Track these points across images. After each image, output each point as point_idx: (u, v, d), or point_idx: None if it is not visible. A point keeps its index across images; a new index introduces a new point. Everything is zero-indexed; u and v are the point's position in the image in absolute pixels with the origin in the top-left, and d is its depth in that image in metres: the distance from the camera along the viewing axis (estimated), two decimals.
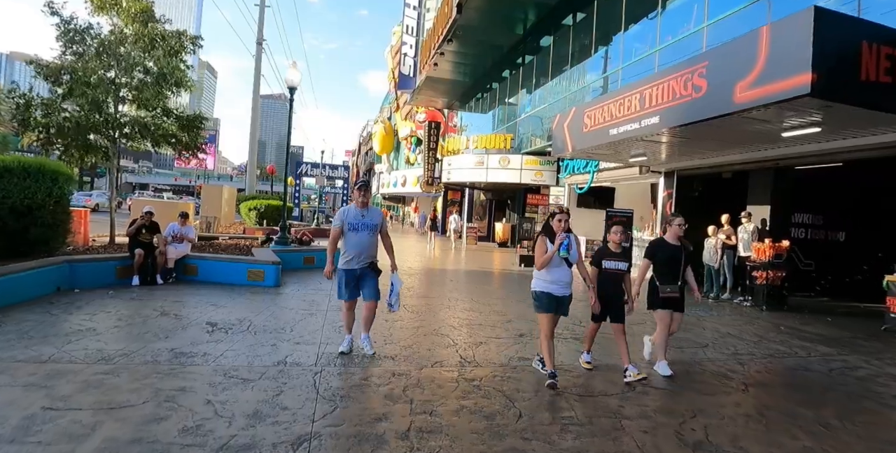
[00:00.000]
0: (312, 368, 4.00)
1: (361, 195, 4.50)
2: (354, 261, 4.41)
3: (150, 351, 4.17)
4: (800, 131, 7.12)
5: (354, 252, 4.40)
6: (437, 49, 19.40)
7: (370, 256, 4.49)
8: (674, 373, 4.45)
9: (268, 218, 18.40)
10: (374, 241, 4.53)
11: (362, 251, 4.43)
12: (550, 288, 4.06)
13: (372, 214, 4.53)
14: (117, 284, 7.18)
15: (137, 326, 5.00)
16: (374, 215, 4.54)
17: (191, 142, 10.28)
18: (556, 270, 4.07)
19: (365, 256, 4.45)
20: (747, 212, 9.37)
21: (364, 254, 4.44)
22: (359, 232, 4.41)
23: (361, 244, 4.42)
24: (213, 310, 5.96)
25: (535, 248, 4.12)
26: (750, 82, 6.03)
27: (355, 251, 4.41)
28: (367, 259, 4.47)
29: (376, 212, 4.60)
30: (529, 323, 6.35)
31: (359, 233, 4.41)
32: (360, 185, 4.54)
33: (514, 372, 4.26)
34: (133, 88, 9.53)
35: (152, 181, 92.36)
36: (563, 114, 10.86)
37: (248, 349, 4.42)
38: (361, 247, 4.42)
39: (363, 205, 4.51)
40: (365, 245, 4.44)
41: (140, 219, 7.58)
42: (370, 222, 4.48)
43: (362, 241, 4.43)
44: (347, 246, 4.43)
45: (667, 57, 10.46)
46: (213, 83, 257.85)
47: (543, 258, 4.01)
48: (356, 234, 4.41)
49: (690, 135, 8.12)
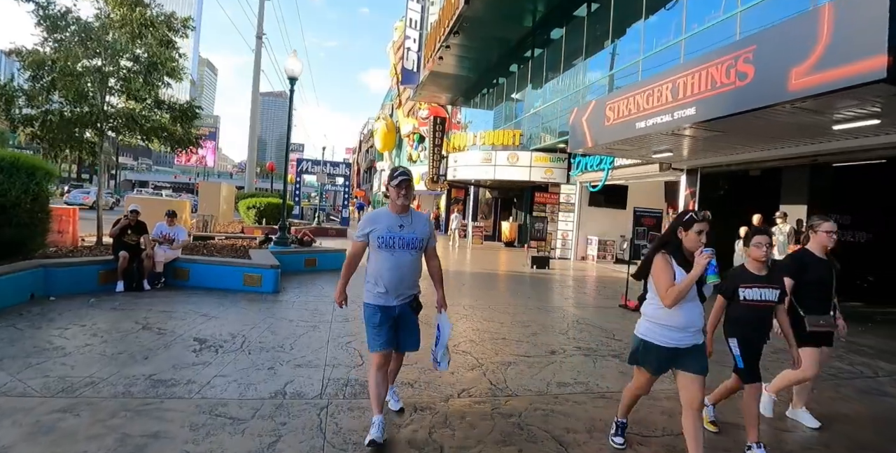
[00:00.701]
0: (317, 401, 3.32)
1: (402, 195, 2.93)
2: (391, 294, 2.94)
3: (122, 379, 3.49)
4: (854, 124, 6.45)
5: (390, 281, 2.91)
6: (443, 42, 18.70)
7: (411, 287, 3.02)
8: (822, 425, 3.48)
9: (267, 216, 17.75)
10: (418, 265, 3.03)
11: (401, 280, 2.93)
12: (674, 338, 2.62)
13: (416, 223, 3.00)
14: (99, 290, 6.50)
15: (113, 344, 4.32)
16: (418, 224, 3.00)
17: (184, 135, 9.60)
18: (688, 310, 2.60)
19: (405, 288, 2.97)
20: (783, 213, 8.69)
21: (404, 285, 2.96)
22: (395, 251, 2.91)
23: (400, 269, 2.92)
24: (202, 322, 5.29)
25: (655, 274, 2.63)
26: (808, 67, 5.35)
27: (391, 280, 2.91)
28: (408, 292, 3.00)
29: (422, 220, 3.06)
30: (558, 336, 5.69)
31: (396, 254, 2.91)
32: (401, 179, 2.91)
33: (556, 403, 3.58)
34: (121, 78, 8.85)
35: (152, 178, 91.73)
36: (582, 108, 10.18)
37: (241, 374, 3.74)
38: (400, 275, 2.92)
39: (403, 209, 2.98)
40: (405, 271, 2.94)
41: (124, 219, 6.90)
42: (414, 236, 2.95)
43: (401, 265, 2.92)
44: (378, 271, 2.93)
45: (694, 46, 9.77)
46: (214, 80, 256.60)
47: (677, 291, 2.49)
48: (392, 255, 2.90)
49: (726, 129, 7.44)
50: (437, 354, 3.15)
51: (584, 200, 16.49)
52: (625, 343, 5.51)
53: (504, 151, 18.02)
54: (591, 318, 6.82)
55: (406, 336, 3.06)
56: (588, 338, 5.68)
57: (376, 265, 2.96)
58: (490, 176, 18.46)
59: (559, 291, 9.68)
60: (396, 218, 2.96)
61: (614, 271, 13.54)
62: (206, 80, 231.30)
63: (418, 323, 3.12)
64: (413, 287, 3.04)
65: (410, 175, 2.97)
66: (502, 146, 18.32)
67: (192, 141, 9.85)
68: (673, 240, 2.68)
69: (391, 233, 2.91)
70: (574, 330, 6.04)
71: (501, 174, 18.09)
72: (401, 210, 2.98)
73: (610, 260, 16.00)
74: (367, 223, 3.00)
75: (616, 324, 6.51)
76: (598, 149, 10.77)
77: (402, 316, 3.01)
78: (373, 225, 2.95)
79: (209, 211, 16.61)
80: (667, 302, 2.53)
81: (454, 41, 18.52)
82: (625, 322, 6.72)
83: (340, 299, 3.07)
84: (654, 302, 2.67)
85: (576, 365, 4.54)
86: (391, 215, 2.97)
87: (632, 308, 7.56)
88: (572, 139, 10.69)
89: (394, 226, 2.93)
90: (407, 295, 3.00)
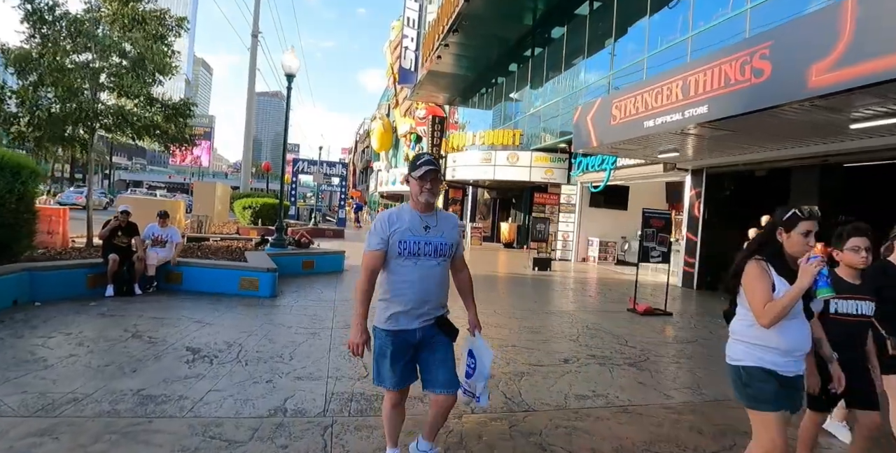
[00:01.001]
0: (321, 419, 3.06)
1: (426, 189, 2.33)
2: (411, 314, 2.33)
3: (108, 395, 3.22)
4: (872, 123, 6.25)
5: (412, 298, 2.32)
6: (442, 40, 18.45)
7: (438, 306, 2.41)
8: None
9: (263, 217, 17.45)
10: (447, 277, 2.46)
11: (426, 297, 2.34)
12: (779, 363, 2.08)
13: (444, 225, 2.42)
14: (88, 295, 6.21)
15: (100, 355, 4.04)
16: (447, 227, 2.43)
17: (177, 133, 9.31)
18: (793, 330, 2.08)
19: (431, 306, 2.37)
20: None
21: (429, 303, 2.36)
22: (420, 259, 2.33)
23: (426, 282, 2.34)
24: (196, 329, 5.01)
25: (748, 285, 2.10)
26: (830, 63, 5.13)
27: (414, 297, 2.32)
28: (434, 310, 2.38)
29: (450, 222, 2.47)
30: (569, 342, 5.45)
31: (420, 263, 2.33)
32: (426, 169, 2.32)
33: (577, 419, 3.34)
34: (112, 74, 8.55)
35: (147, 178, 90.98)
36: (586, 106, 9.94)
37: (237, 388, 3.48)
38: (425, 291, 2.34)
39: (428, 207, 2.39)
40: (432, 285, 2.36)
41: (114, 220, 6.61)
42: (442, 240, 2.38)
43: (427, 277, 2.34)
44: (396, 286, 2.34)
45: (701, 43, 9.56)
46: (209, 80, 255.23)
47: (779, 308, 1.97)
48: (415, 264, 2.32)
49: (737, 128, 7.23)
50: (477, 388, 2.49)
51: (585, 201, 16.28)
52: (639, 350, 5.29)
53: (504, 151, 17.79)
54: (601, 323, 6.59)
55: (435, 368, 2.33)
56: (600, 344, 5.44)
57: (394, 277, 2.33)
58: (490, 176, 18.23)
59: (564, 294, 9.45)
60: (420, 218, 2.36)
61: (616, 273, 13.33)
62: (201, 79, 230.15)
63: (452, 350, 2.41)
64: (441, 306, 2.41)
65: (438, 164, 2.38)
66: (502, 146, 18.09)
67: (186, 138, 9.55)
68: (770, 243, 2.14)
69: (415, 237, 2.31)
70: (585, 336, 5.80)
71: (501, 174, 17.85)
72: (425, 208, 2.38)
73: (611, 261, 15.80)
74: (384, 225, 2.32)
75: (626, 330, 6.28)
76: (603, 149, 10.56)
77: (427, 341, 2.36)
78: (390, 227, 2.32)
79: (204, 211, 16.31)
80: (764, 320, 2.00)
81: (453, 40, 18.28)
82: (635, 327, 6.50)
83: (363, 341, 2.29)
84: (747, 319, 2.14)
85: (591, 376, 4.30)
86: (414, 214, 2.37)
87: (640, 312, 7.35)
88: (576, 138, 10.46)
89: (417, 227, 2.33)
90: (431, 315, 2.36)
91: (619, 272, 13.51)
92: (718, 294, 9.90)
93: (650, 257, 7.74)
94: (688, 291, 10.40)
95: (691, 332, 6.46)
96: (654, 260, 7.76)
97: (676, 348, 5.60)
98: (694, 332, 6.45)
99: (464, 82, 23.67)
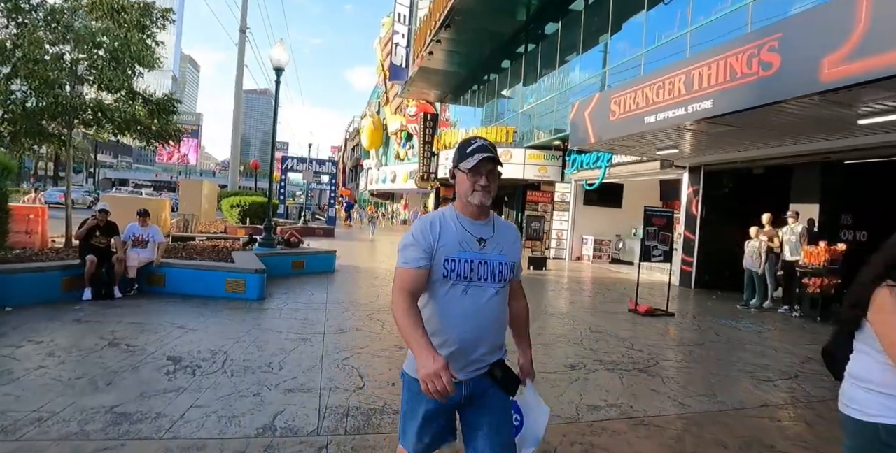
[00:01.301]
0: (314, 439, 2.78)
1: (479, 186, 1.68)
2: (458, 361, 1.66)
3: (78, 413, 2.91)
4: (882, 118, 6.07)
5: (460, 337, 1.67)
6: (434, 36, 18.16)
7: (495, 347, 1.75)
8: None
9: (251, 215, 17.05)
10: (505, 309, 1.80)
11: (481, 335, 1.69)
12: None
13: (502, 237, 1.77)
14: (64, 299, 5.85)
15: (72, 366, 3.72)
16: (506, 239, 1.78)
17: (161, 129, 8.94)
18: None
19: (486, 349, 1.71)
20: (794, 212, 8.31)
21: (484, 344, 1.71)
22: (472, 285, 1.67)
23: (480, 317, 1.69)
24: (179, 335, 4.69)
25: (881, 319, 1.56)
26: (844, 55, 4.94)
27: (462, 335, 1.67)
28: (489, 355, 1.73)
29: (510, 233, 1.82)
30: (573, 346, 5.21)
31: (472, 290, 1.68)
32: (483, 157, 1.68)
33: (591, 433, 3.09)
34: (91, 66, 8.16)
35: (133, 176, 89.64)
36: (584, 102, 9.72)
37: (222, 403, 3.18)
38: (478, 328, 1.69)
39: (481, 212, 1.74)
40: (487, 320, 1.71)
41: (91, 219, 6.24)
42: (503, 259, 1.73)
43: (482, 310, 1.69)
44: (440, 320, 1.68)
45: (700, 37, 9.37)
46: (196, 77, 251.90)
47: None
48: (466, 291, 1.67)
49: (741, 124, 7.05)
50: (524, 447, 1.83)
51: (580, 199, 16.09)
52: (646, 354, 5.06)
53: (497, 148, 17.53)
54: (603, 325, 6.36)
55: (488, 437, 1.66)
56: (606, 348, 5.21)
57: (435, 308, 1.67)
58: None
59: (562, 294, 9.23)
60: (472, 226, 1.70)
61: (612, 271, 13.15)
62: (189, 76, 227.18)
63: (510, 410, 1.77)
64: (498, 348, 1.74)
65: (496, 151, 1.72)
66: (495, 143, 17.84)
67: (170, 134, 9.18)
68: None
69: (466, 254, 1.65)
70: (588, 339, 5.56)
71: None
72: (478, 213, 1.71)
73: (606, 260, 15.63)
74: (427, 233, 1.66)
75: (630, 332, 6.06)
76: (601, 146, 10.34)
77: (477, 398, 1.70)
78: (436, 237, 1.65)
79: (190, 210, 15.88)
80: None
81: (445, 35, 18.00)
82: (638, 329, 6.29)
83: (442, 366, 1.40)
84: (879, 361, 1.60)
85: (601, 383, 4.06)
86: (462, 222, 1.70)
87: (641, 313, 7.14)
88: (573, 135, 10.23)
89: (469, 241, 1.67)
90: (485, 362, 1.70)
91: (615, 270, 13.34)
92: (717, 293, 9.75)
93: (652, 256, 7.54)
94: (685, 290, 10.23)
95: (697, 334, 6.26)
96: (655, 259, 7.55)
97: (684, 351, 5.38)
98: (699, 334, 6.25)
99: (455, 79, 23.40)
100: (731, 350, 5.50)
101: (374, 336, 5.15)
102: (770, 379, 4.52)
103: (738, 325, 6.88)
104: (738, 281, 8.85)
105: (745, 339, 6.05)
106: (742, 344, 5.77)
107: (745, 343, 5.86)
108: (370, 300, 7.13)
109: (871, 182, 8.78)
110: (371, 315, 6.13)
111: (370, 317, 6.04)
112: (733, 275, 9.66)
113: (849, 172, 8.68)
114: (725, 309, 8.16)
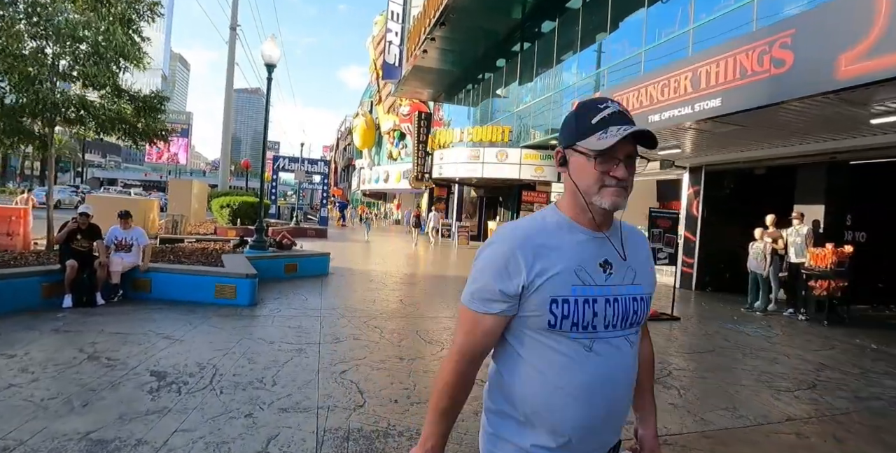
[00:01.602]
0: None
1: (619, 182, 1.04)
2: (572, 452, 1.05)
3: (48, 441, 2.62)
4: (894, 117, 5.91)
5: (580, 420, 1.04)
6: (428, 34, 17.90)
7: (619, 426, 1.14)
8: None
9: (242, 216, 16.70)
10: (636, 367, 1.14)
11: (610, 412, 1.08)
12: None
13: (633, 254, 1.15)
14: (43, 306, 5.53)
15: (46, 383, 3.42)
16: (636, 256, 1.16)
17: (147, 128, 8.59)
18: None
19: (611, 430, 1.12)
20: (799, 213, 8.15)
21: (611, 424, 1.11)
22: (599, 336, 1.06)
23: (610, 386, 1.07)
24: (164, 347, 4.40)
25: None
26: (861, 53, 4.76)
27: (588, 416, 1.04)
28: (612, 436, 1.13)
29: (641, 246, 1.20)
30: None
31: (598, 344, 1.06)
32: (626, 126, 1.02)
33: None
34: (74, 61, 7.81)
35: (121, 176, 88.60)
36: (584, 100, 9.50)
37: (210, 427, 2.90)
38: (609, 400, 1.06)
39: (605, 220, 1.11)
40: (620, 387, 1.09)
41: (72, 222, 5.91)
42: (638, 291, 1.13)
43: (614, 374, 1.07)
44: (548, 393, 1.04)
45: (703, 34, 9.20)
46: (186, 76, 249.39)
47: None
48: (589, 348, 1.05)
49: (749, 123, 6.87)
50: None
51: None
52: (658, 362, 4.83)
53: (492, 148, 17.31)
54: None
55: None
56: None
57: (535, 379, 1.07)
58: (478, 174, 17.74)
59: None
60: (592, 240, 1.10)
61: None
62: (179, 75, 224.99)
63: None
64: (619, 429, 1.16)
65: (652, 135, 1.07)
66: (490, 143, 17.61)
67: (157, 133, 8.84)
68: None
69: (589, 290, 1.06)
70: None
71: (490, 172, 17.38)
72: (602, 221, 1.11)
73: None
74: (517, 256, 1.04)
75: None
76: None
77: None
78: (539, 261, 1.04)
79: (180, 210, 15.48)
80: None
81: (439, 33, 17.75)
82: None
83: None
84: None
85: None
86: (579, 234, 1.10)
87: (650, 316, 6.93)
88: None
89: (591, 265, 1.08)
90: (604, 450, 1.13)
91: None
92: (719, 295, 9.57)
93: (656, 259, 7.32)
94: (686, 293, 10.05)
95: (706, 340, 6.05)
96: (660, 262, 7.35)
97: (696, 359, 5.17)
98: (708, 340, 6.05)
99: (449, 78, 23.15)
100: (742, 357, 5.30)
101: (372, 345, 4.89)
102: (789, 389, 4.31)
103: (746, 330, 6.69)
104: (739, 282, 8.66)
105: (754, 345, 5.86)
106: (753, 351, 5.57)
107: (756, 349, 5.67)
108: (366, 305, 6.86)
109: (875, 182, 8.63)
110: (368, 322, 5.86)
111: (367, 324, 5.77)
112: (734, 276, 9.50)
113: (853, 173, 8.53)
114: (730, 312, 7.98)
